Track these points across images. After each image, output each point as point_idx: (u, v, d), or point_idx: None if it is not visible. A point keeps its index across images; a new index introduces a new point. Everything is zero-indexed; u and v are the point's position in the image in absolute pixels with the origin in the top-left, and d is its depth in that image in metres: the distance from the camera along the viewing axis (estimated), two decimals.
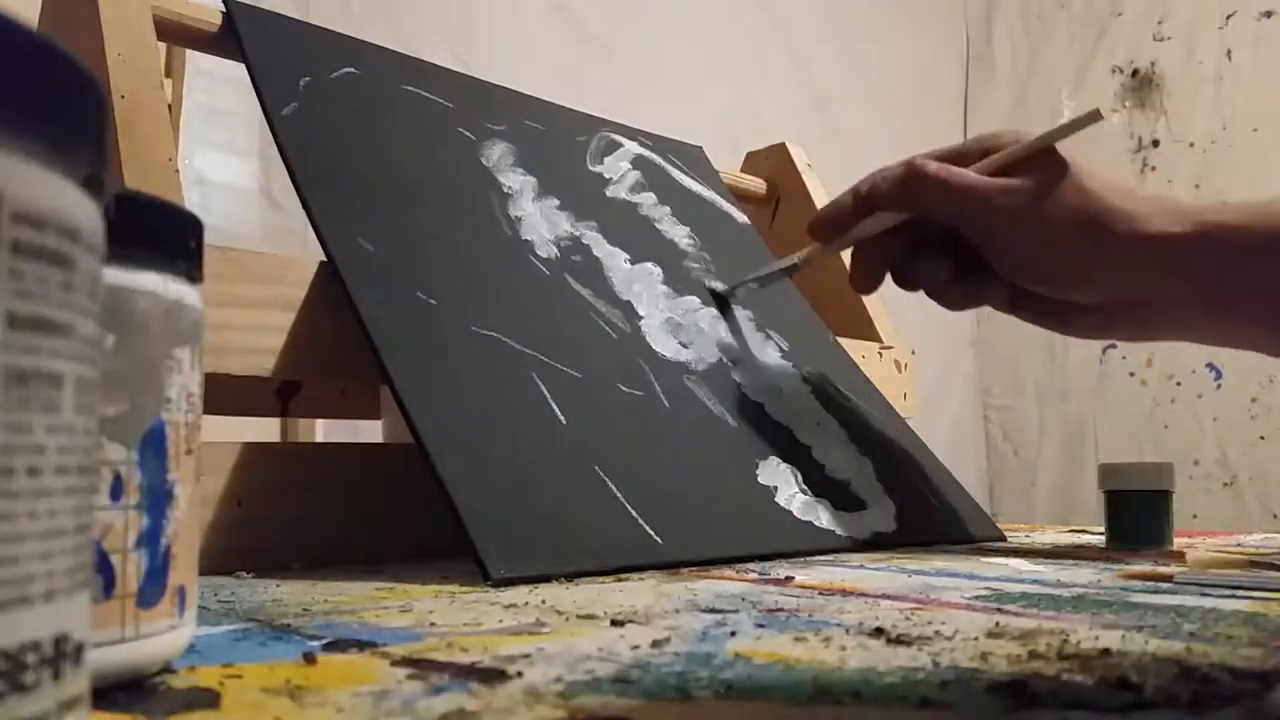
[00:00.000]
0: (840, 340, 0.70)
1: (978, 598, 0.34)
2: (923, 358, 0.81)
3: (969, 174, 0.49)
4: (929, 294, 0.54)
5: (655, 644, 0.25)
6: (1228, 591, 0.36)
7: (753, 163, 0.88)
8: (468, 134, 0.59)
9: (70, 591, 0.13)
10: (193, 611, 0.23)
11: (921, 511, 0.58)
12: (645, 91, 1.25)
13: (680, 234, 0.65)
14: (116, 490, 0.20)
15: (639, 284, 0.58)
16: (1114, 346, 1.81)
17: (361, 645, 0.25)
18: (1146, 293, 0.48)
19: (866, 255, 0.54)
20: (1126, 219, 0.46)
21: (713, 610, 0.31)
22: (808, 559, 0.48)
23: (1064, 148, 0.49)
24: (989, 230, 0.49)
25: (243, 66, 0.52)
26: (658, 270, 0.60)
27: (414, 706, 0.19)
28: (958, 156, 0.51)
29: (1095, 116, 0.48)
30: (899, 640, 0.26)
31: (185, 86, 0.83)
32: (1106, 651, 0.24)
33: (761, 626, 0.28)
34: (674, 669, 0.22)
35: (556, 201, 0.59)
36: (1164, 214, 0.46)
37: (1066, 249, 0.48)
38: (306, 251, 0.49)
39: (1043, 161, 0.48)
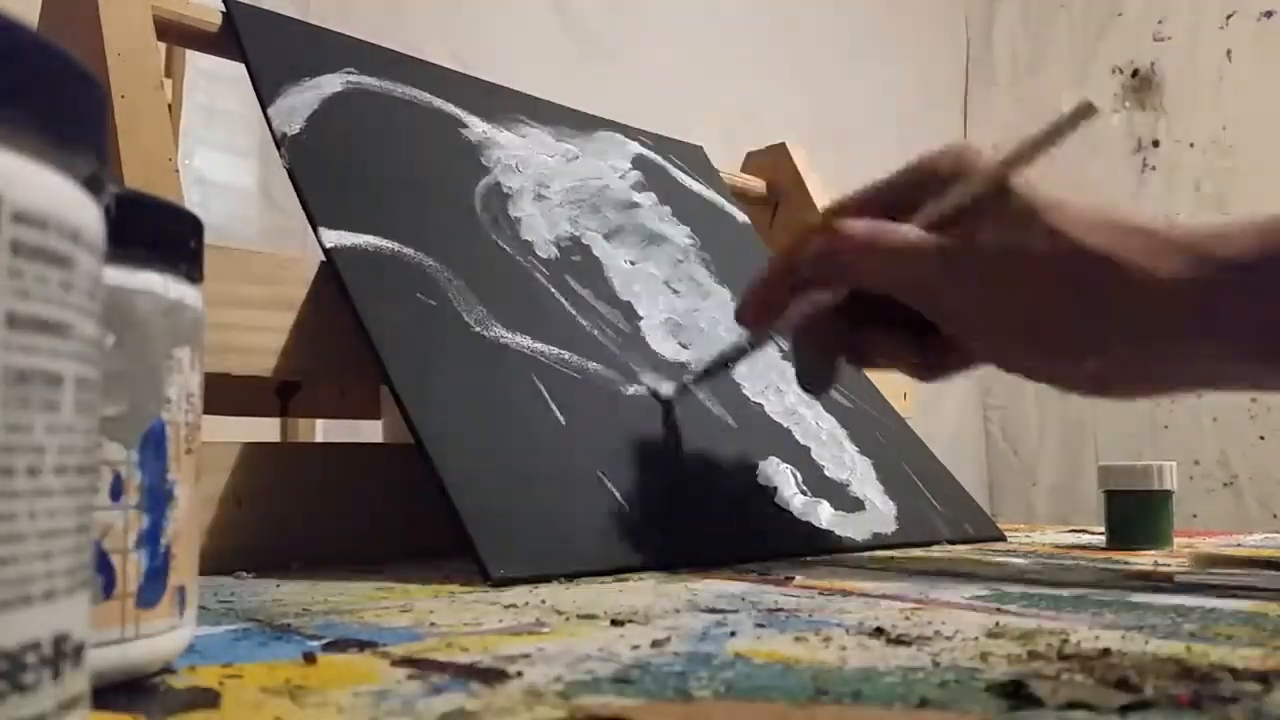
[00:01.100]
0: None
1: (978, 598, 0.34)
2: None
3: (906, 233, 0.39)
4: (904, 371, 0.45)
5: (655, 644, 0.25)
6: (1228, 591, 0.36)
7: (753, 163, 0.88)
8: (467, 134, 0.59)
9: (70, 591, 0.13)
10: (193, 611, 0.23)
11: (921, 511, 0.58)
12: (645, 91, 1.25)
13: (680, 234, 0.65)
14: (116, 490, 0.20)
15: (639, 284, 0.58)
16: None
17: (361, 645, 0.25)
18: (1158, 350, 0.37)
19: (811, 342, 0.45)
20: (1117, 268, 0.36)
21: (713, 610, 0.31)
22: (808, 559, 0.48)
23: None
24: (939, 304, 0.39)
25: (243, 66, 0.52)
26: (658, 270, 0.60)
27: (414, 706, 0.19)
28: (890, 195, 0.41)
29: (1086, 111, 0.38)
30: (899, 640, 0.26)
31: (185, 86, 0.83)
32: (1106, 651, 0.24)
33: (761, 626, 0.28)
34: (674, 669, 0.22)
35: (556, 201, 0.59)
36: (1166, 253, 0.36)
37: (1046, 316, 0.37)
38: (306, 251, 0.49)
39: (999, 204, 0.38)
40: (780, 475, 0.53)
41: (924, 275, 0.39)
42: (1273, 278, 0.35)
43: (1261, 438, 1.65)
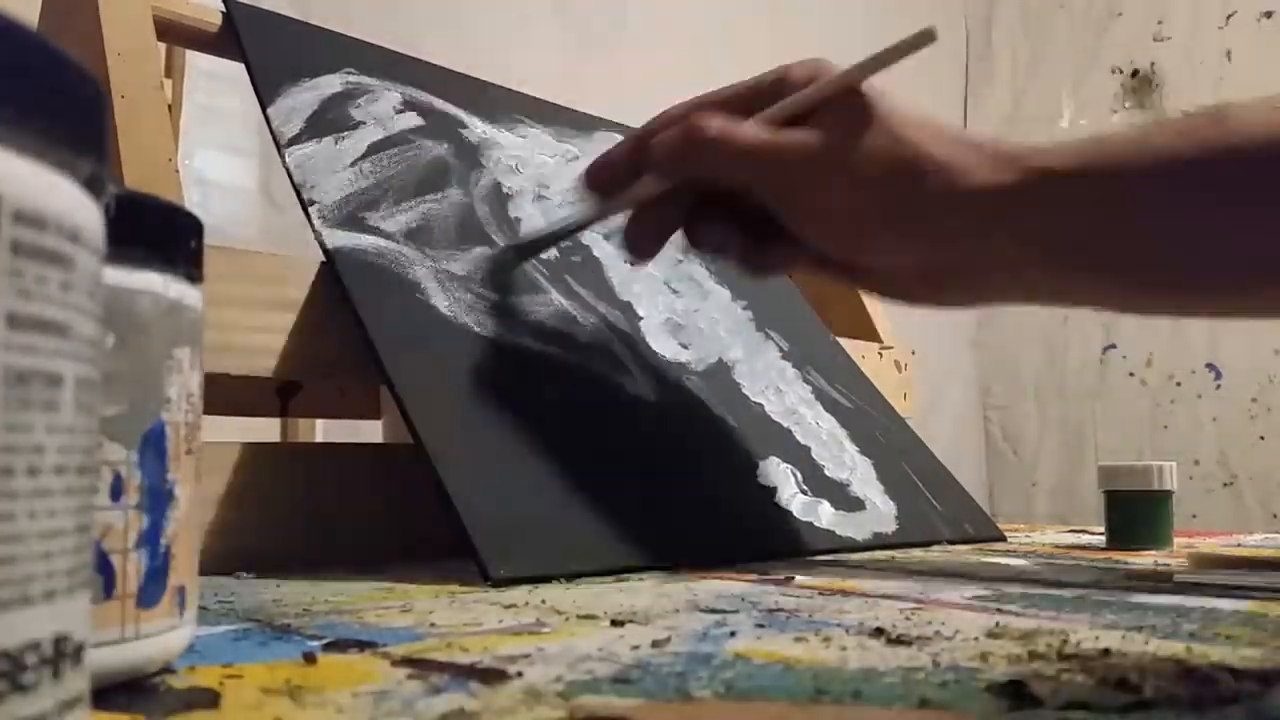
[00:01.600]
0: (840, 340, 0.70)
1: (978, 598, 0.34)
2: (923, 358, 0.81)
3: (754, 130, 0.41)
4: (727, 261, 0.47)
5: (655, 644, 0.25)
6: (1228, 591, 0.36)
7: None
8: (467, 134, 0.59)
9: (70, 591, 0.13)
10: (193, 612, 0.23)
11: (921, 511, 0.58)
12: (645, 91, 1.25)
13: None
14: (116, 490, 0.20)
15: (639, 284, 0.58)
16: (1114, 346, 1.81)
17: (361, 645, 0.25)
18: (972, 252, 0.41)
19: (644, 218, 0.46)
20: (946, 170, 0.39)
21: (713, 610, 0.31)
22: (808, 559, 0.48)
23: (886, 87, 0.42)
24: (782, 194, 0.41)
25: (243, 66, 0.52)
26: (657, 270, 0.60)
27: (414, 706, 0.19)
28: (750, 98, 0.43)
29: (926, 38, 0.41)
30: (899, 640, 0.26)
31: (185, 86, 0.83)
32: (1106, 651, 0.24)
33: (761, 626, 0.28)
34: (674, 669, 0.22)
35: (557, 202, 0.59)
36: (991, 162, 0.39)
37: (872, 208, 0.40)
38: (306, 252, 0.49)
39: (845, 105, 0.40)
40: (780, 475, 0.53)
41: (767, 170, 0.41)
42: (1076, 188, 0.38)
43: (1261, 438, 1.66)
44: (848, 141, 0.40)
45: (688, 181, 0.44)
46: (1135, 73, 1.83)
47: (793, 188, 0.41)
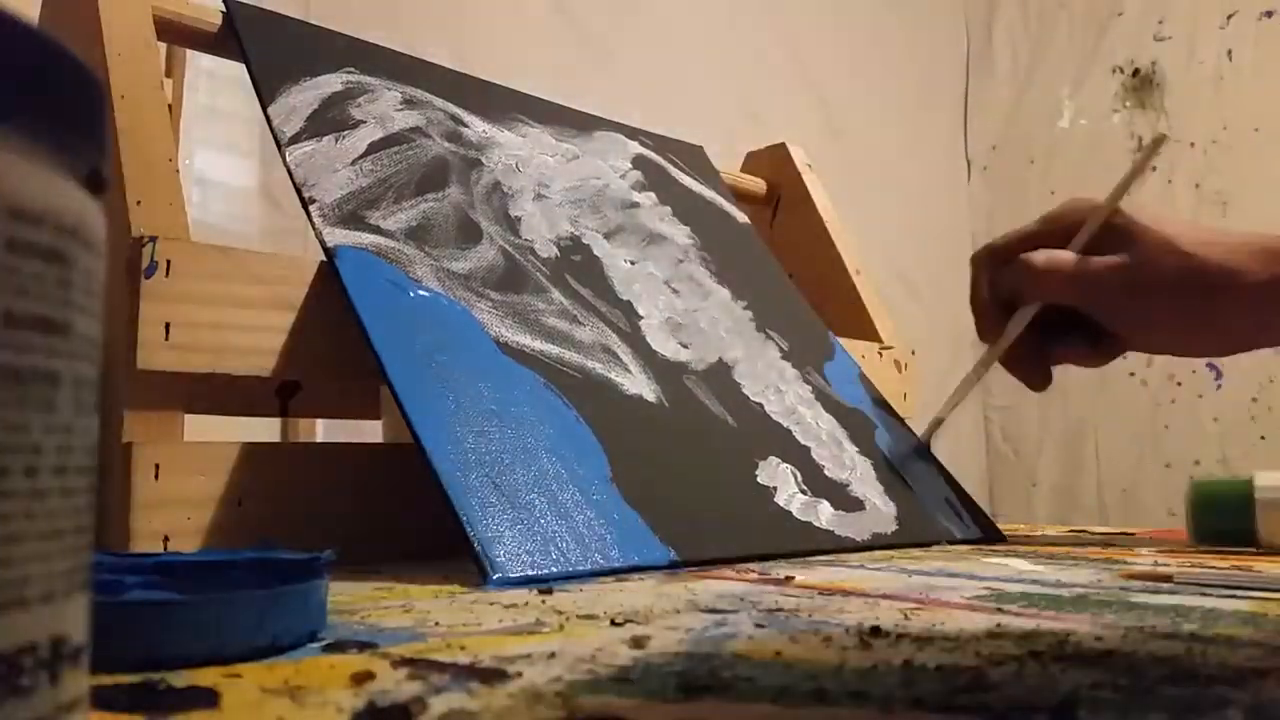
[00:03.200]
0: (840, 340, 0.70)
1: (978, 598, 0.34)
2: (923, 358, 0.81)
3: (1071, 259, 0.53)
4: (1075, 363, 0.58)
5: (654, 644, 0.25)
6: (1228, 591, 0.36)
7: (753, 163, 0.88)
8: (468, 134, 0.59)
9: (68, 593, 0.13)
10: None
11: (921, 511, 0.58)
12: (645, 91, 1.25)
13: (680, 234, 0.65)
14: None
15: (639, 284, 0.58)
16: None
17: (361, 645, 0.25)
18: (1258, 332, 0.53)
19: (1025, 355, 0.57)
20: (1227, 275, 0.50)
21: (713, 610, 0.31)
22: (808, 559, 0.48)
23: (1133, 203, 0.54)
24: (1109, 309, 0.53)
25: (243, 66, 0.52)
26: (658, 270, 0.60)
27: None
28: (1038, 238, 0.55)
29: (1158, 143, 0.58)
30: (899, 640, 0.26)
31: (185, 86, 0.83)
32: (1107, 652, 0.24)
33: (761, 627, 0.28)
34: (674, 669, 0.22)
35: (556, 201, 0.59)
36: (1259, 259, 0.50)
37: (1183, 316, 0.52)
38: (306, 252, 0.49)
39: (1126, 231, 0.53)
40: (780, 475, 0.53)
41: (1092, 292, 0.53)
42: None
43: (1262, 438, 1.65)
44: (1148, 263, 0.52)
45: (1045, 309, 0.55)
46: (1136, 72, 1.83)
47: (1116, 305, 0.53)
